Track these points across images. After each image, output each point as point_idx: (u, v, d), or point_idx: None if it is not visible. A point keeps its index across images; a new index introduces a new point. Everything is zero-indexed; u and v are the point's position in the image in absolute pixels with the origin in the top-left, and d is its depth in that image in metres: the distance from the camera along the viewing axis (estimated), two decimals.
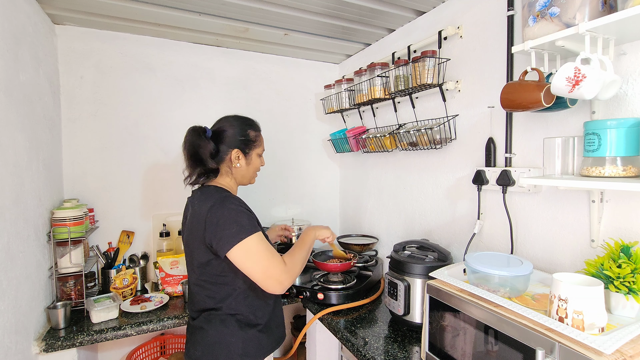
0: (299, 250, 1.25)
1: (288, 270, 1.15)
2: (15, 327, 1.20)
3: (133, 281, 1.75)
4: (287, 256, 1.20)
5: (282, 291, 1.14)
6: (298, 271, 1.19)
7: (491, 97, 1.39)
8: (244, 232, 1.10)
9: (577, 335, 0.75)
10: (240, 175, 1.30)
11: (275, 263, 1.12)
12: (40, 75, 1.53)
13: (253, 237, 1.11)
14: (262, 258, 1.11)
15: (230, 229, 1.10)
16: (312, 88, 2.46)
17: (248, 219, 1.14)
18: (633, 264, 0.86)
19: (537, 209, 1.24)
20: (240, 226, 1.11)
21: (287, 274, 1.14)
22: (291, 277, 1.15)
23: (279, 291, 1.13)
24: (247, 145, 1.28)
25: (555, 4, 0.96)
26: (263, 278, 1.11)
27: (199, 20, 1.76)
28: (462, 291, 1.02)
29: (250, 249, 1.10)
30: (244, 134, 1.28)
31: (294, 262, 1.19)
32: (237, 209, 1.14)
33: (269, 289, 1.12)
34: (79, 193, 1.85)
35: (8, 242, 1.18)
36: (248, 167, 1.30)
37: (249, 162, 1.30)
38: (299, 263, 1.21)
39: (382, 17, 1.76)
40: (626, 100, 1.00)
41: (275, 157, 2.35)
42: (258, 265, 1.10)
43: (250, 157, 1.30)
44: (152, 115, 2.00)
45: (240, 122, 1.30)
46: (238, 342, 1.17)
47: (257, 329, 1.21)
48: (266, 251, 1.12)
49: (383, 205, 2.08)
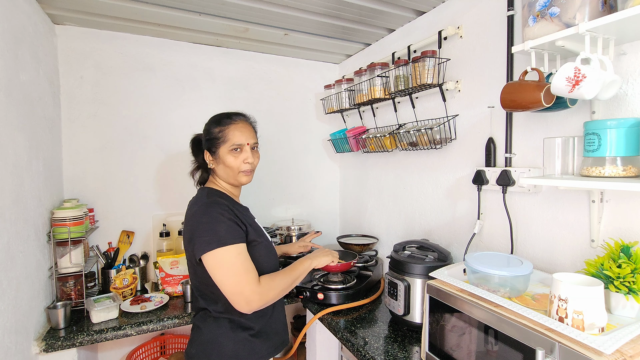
0: (283, 275, 1.18)
1: (260, 292, 1.07)
2: (15, 327, 1.20)
3: (133, 281, 1.75)
4: (266, 278, 1.12)
5: (249, 311, 1.08)
6: (273, 297, 1.12)
7: (491, 97, 1.39)
8: (216, 242, 1.06)
9: (577, 335, 0.75)
10: (222, 175, 1.25)
11: (248, 280, 1.06)
12: (40, 75, 1.53)
13: (227, 248, 1.06)
14: (234, 273, 1.06)
15: (204, 237, 1.07)
16: (312, 88, 2.46)
17: (227, 229, 1.09)
18: (633, 264, 0.86)
19: (537, 209, 1.24)
20: (214, 235, 1.07)
21: (257, 294, 1.06)
22: (262, 299, 1.08)
23: (245, 310, 1.07)
24: (211, 144, 1.22)
25: (555, 4, 0.96)
26: (230, 293, 1.06)
27: (199, 20, 1.76)
28: (462, 291, 1.02)
29: (220, 260, 1.06)
30: (208, 133, 1.24)
31: (270, 286, 1.11)
32: (217, 217, 1.10)
33: (235, 305, 1.06)
34: (79, 193, 1.85)
35: (8, 242, 1.18)
36: (220, 166, 1.23)
37: (219, 161, 1.22)
38: (278, 288, 1.13)
39: (382, 17, 1.76)
40: (626, 100, 1.00)
41: (275, 157, 2.35)
42: (228, 279, 1.06)
43: (217, 156, 1.22)
44: (152, 115, 2.00)
45: (209, 120, 1.26)
46: (229, 343, 1.16)
47: (250, 333, 1.18)
48: (240, 266, 1.07)
49: (383, 205, 2.08)
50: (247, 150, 1.23)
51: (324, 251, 1.40)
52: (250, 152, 1.23)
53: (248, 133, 1.24)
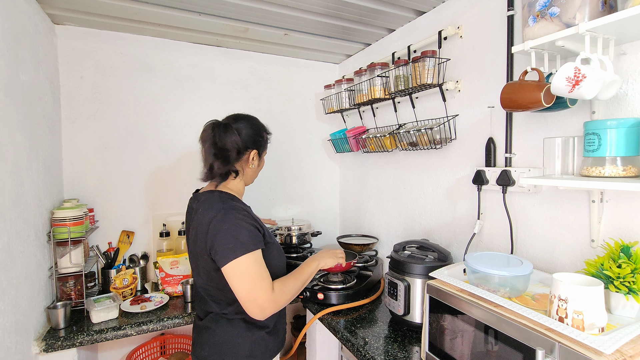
0: (294, 280, 1.19)
1: (273, 299, 1.09)
2: (15, 327, 1.20)
3: (133, 281, 1.75)
4: (278, 283, 1.14)
5: (262, 318, 1.09)
6: (285, 302, 1.14)
7: (491, 97, 1.39)
8: (240, 248, 1.07)
9: (577, 335, 0.75)
10: (249, 176, 1.30)
11: (263, 287, 1.07)
12: (40, 75, 1.53)
13: (248, 256, 1.07)
14: (250, 280, 1.07)
15: (227, 244, 1.07)
16: (312, 88, 2.46)
17: (249, 234, 1.10)
18: (633, 264, 0.86)
19: (537, 209, 1.24)
20: (238, 242, 1.07)
21: (271, 302, 1.08)
22: (275, 306, 1.10)
23: (258, 317, 1.08)
24: (262, 146, 1.30)
25: (555, 4, 0.96)
26: (246, 300, 1.07)
27: (199, 20, 1.76)
28: (462, 291, 1.02)
29: (240, 268, 1.07)
30: (261, 134, 1.29)
31: (283, 292, 1.13)
32: (238, 223, 1.10)
33: (249, 312, 1.07)
34: (79, 193, 1.85)
35: (8, 242, 1.18)
36: (257, 168, 1.31)
37: (260, 164, 1.32)
38: (289, 293, 1.15)
39: (382, 17, 1.76)
40: (626, 100, 1.00)
41: (275, 157, 2.35)
42: (244, 286, 1.07)
43: (262, 159, 1.32)
44: (152, 115, 2.00)
45: (257, 122, 1.31)
46: (245, 343, 1.17)
47: (265, 331, 1.21)
48: (257, 273, 1.08)
49: (383, 205, 2.08)
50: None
51: (330, 252, 1.39)
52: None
53: None
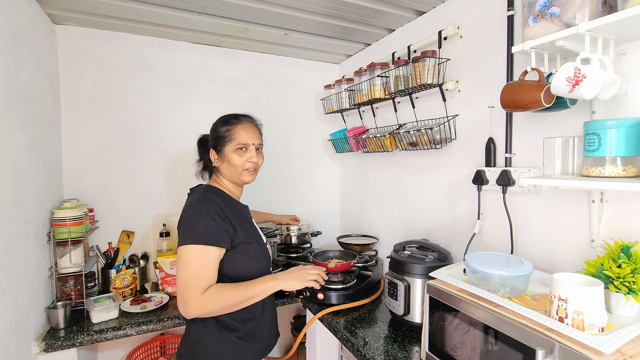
0: (235, 291, 1.10)
1: (200, 302, 1.04)
2: (15, 327, 1.20)
3: (133, 281, 1.75)
4: (215, 289, 1.07)
5: (187, 316, 1.05)
6: (215, 310, 1.07)
7: (491, 97, 1.39)
8: (190, 237, 1.07)
9: (577, 335, 0.75)
10: (225, 173, 1.27)
11: (194, 285, 1.04)
12: (40, 75, 1.53)
13: (196, 247, 1.06)
14: (187, 271, 1.05)
15: (183, 230, 1.10)
16: (312, 88, 2.46)
17: (205, 228, 1.09)
18: (633, 264, 0.86)
19: (537, 209, 1.24)
20: (191, 230, 1.08)
21: (196, 303, 1.04)
22: (199, 309, 1.04)
23: (183, 313, 1.05)
24: (218, 142, 1.25)
25: (555, 4, 0.96)
26: (178, 290, 1.06)
27: (199, 20, 1.76)
28: (462, 291, 1.02)
29: (184, 256, 1.07)
30: (215, 131, 1.27)
31: (214, 299, 1.06)
32: (200, 213, 1.11)
33: (178, 304, 1.07)
34: (79, 193, 1.85)
35: (8, 242, 1.18)
36: (224, 164, 1.25)
37: (224, 159, 1.25)
38: (222, 303, 1.07)
39: (382, 17, 1.76)
40: (626, 100, 1.00)
41: (275, 157, 2.35)
42: (179, 275, 1.06)
43: (223, 154, 1.24)
44: (152, 115, 2.00)
45: (217, 120, 1.30)
46: (214, 344, 1.15)
47: (236, 335, 1.18)
48: (195, 268, 1.05)
49: (383, 205, 2.08)
50: (251, 150, 1.25)
51: (299, 273, 1.25)
52: (254, 152, 1.26)
53: (253, 134, 1.27)
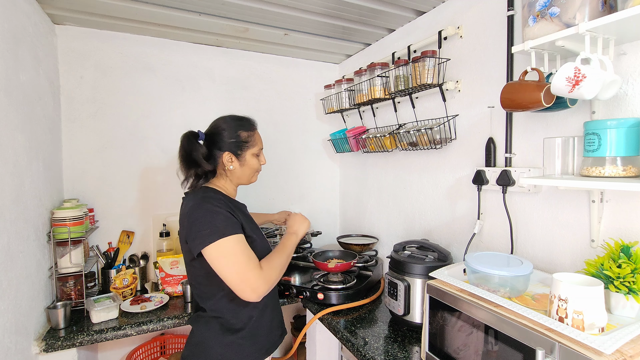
0: (278, 255, 1.19)
1: (264, 276, 1.08)
2: (15, 327, 1.20)
3: (133, 281, 1.75)
4: (265, 262, 1.14)
5: (257, 299, 1.08)
6: (276, 279, 1.13)
7: (491, 97, 1.39)
8: (216, 233, 1.07)
9: (577, 335, 0.75)
10: (236, 176, 1.28)
11: (250, 266, 1.07)
12: (40, 75, 1.53)
13: (228, 239, 1.07)
14: (236, 262, 1.06)
15: (203, 230, 1.08)
16: (312, 88, 2.46)
17: (224, 221, 1.10)
18: (633, 264, 0.86)
19: (537, 209, 1.24)
20: (213, 227, 1.08)
21: (263, 279, 1.08)
22: (267, 284, 1.09)
23: (253, 298, 1.07)
24: (238, 147, 1.26)
25: (555, 4, 0.96)
26: (236, 282, 1.06)
27: (199, 20, 1.76)
28: (462, 291, 1.02)
29: (223, 251, 1.07)
30: (234, 135, 1.25)
31: (271, 269, 1.13)
32: (212, 210, 1.11)
33: (242, 295, 1.06)
34: (79, 193, 1.85)
35: (8, 242, 1.18)
36: (243, 168, 1.27)
37: (243, 164, 1.27)
38: (277, 269, 1.15)
39: (382, 17, 1.76)
40: (626, 100, 1.00)
41: (275, 157, 2.35)
42: (231, 269, 1.06)
43: (243, 159, 1.27)
44: (152, 115, 2.00)
45: (232, 123, 1.28)
46: (216, 346, 1.16)
47: (240, 335, 1.18)
48: (242, 254, 1.08)
49: (383, 205, 2.08)
50: (262, 154, 1.35)
51: (298, 219, 1.36)
52: (263, 155, 1.36)
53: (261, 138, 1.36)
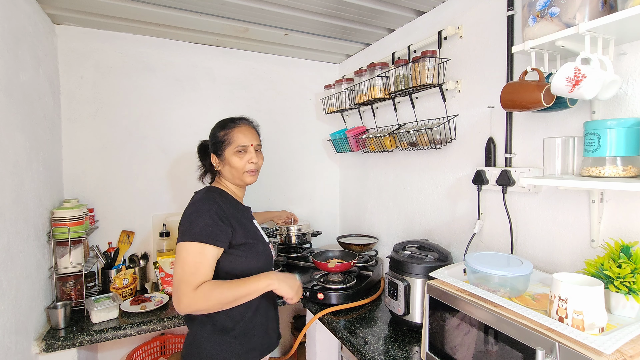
0: (228, 289, 1.08)
1: (193, 297, 1.03)
2: (15, 327, 1.20)
3: (133, 281, 1.75)
4: (208, 286, 1.06)
5: (180, 312, 1.05)
6: (206, 307, 1.06)
7: (491, 97, 1.39)
8: (189, 234, 1.09)
9: (577, 335, 0.75)
10: (227, 176, 1.30)
11: (187, 281, 1.04)
12: (40, 75, 1.53)
13: (194, 244, 1.08)
14: (182, 268, 1.06)
15: (184, 226, 1.12)
16: (312, 88, 2.46)
17: (204, 226, 1.10)
18: (633, 264, 0.86)
19: (537, 209, 1.24)
20: (190, 227, 1.10)
21: (189, 299, 1.03)
22: (192, 305, 1.04)
23: (177, 309, 1.05)
24: (217, 147, 1.28)
25: (555, 4, 0.96)
26: (172, 286, 1.08)
27: (199, 20, 1.76)
28: (462, 291, 1.02)
29: (182, 253, 1.08)
30: (213, 137, 1.30)
31: (206, 296, 1.05)
32: (200, 211, 1.14)
33: (172, 300, 1.07)
34: (79, 193, 1.85)
35: (8, 242, 1.18)
36: (226, 167, 1.27)
37: (225, 163, 1.27)
38: (214, 300, 1.06)
39: (382, 17, 1.76)
40: (626, 100, 1.00)
41: (275, 157, 2.35)
42: (175, 271, 1.07)
43: (223, 158, 1.27)
44: (152, 115, 2.00)
45: (214, 127, 1.32)
46: (207, 346, 1.16)
47: (231, 335, 1.18)
48: (191, 265, 1.06)
49: (383, 205, 2.08)
50: (251, 152, 1.28)
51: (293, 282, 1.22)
52: (254, 153, 1.29)
53: (251, 135, 1.30)
